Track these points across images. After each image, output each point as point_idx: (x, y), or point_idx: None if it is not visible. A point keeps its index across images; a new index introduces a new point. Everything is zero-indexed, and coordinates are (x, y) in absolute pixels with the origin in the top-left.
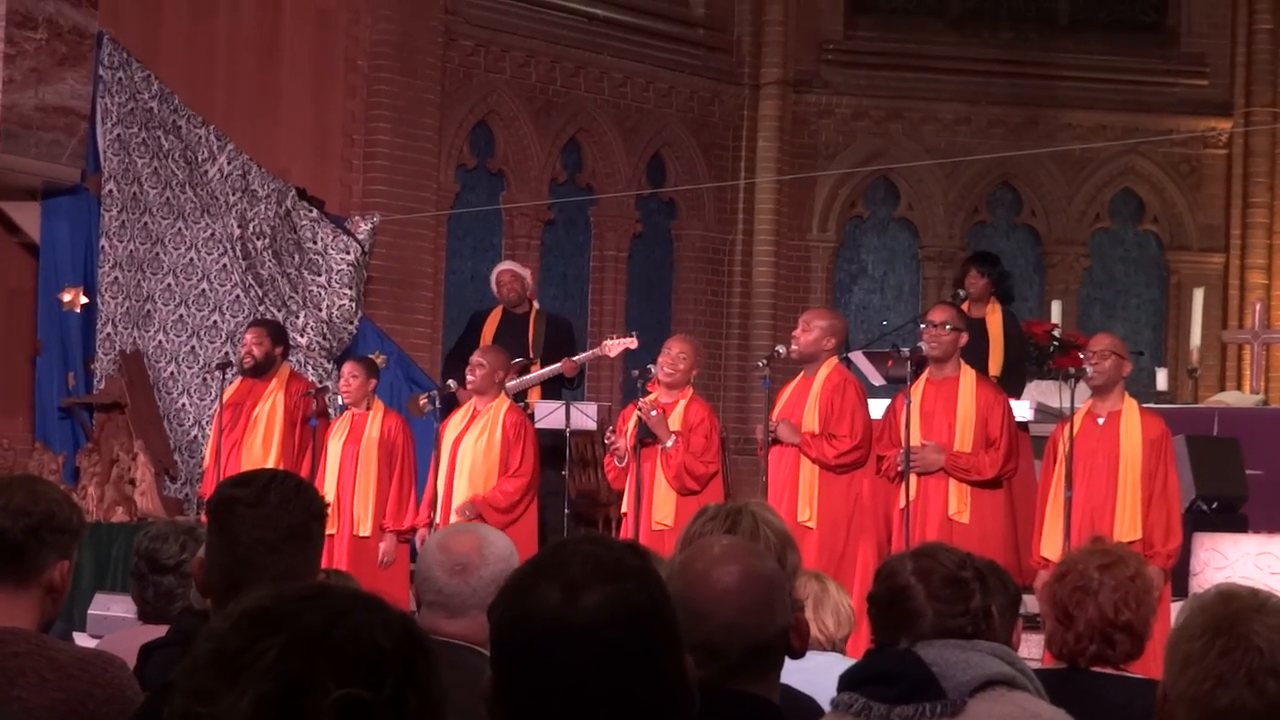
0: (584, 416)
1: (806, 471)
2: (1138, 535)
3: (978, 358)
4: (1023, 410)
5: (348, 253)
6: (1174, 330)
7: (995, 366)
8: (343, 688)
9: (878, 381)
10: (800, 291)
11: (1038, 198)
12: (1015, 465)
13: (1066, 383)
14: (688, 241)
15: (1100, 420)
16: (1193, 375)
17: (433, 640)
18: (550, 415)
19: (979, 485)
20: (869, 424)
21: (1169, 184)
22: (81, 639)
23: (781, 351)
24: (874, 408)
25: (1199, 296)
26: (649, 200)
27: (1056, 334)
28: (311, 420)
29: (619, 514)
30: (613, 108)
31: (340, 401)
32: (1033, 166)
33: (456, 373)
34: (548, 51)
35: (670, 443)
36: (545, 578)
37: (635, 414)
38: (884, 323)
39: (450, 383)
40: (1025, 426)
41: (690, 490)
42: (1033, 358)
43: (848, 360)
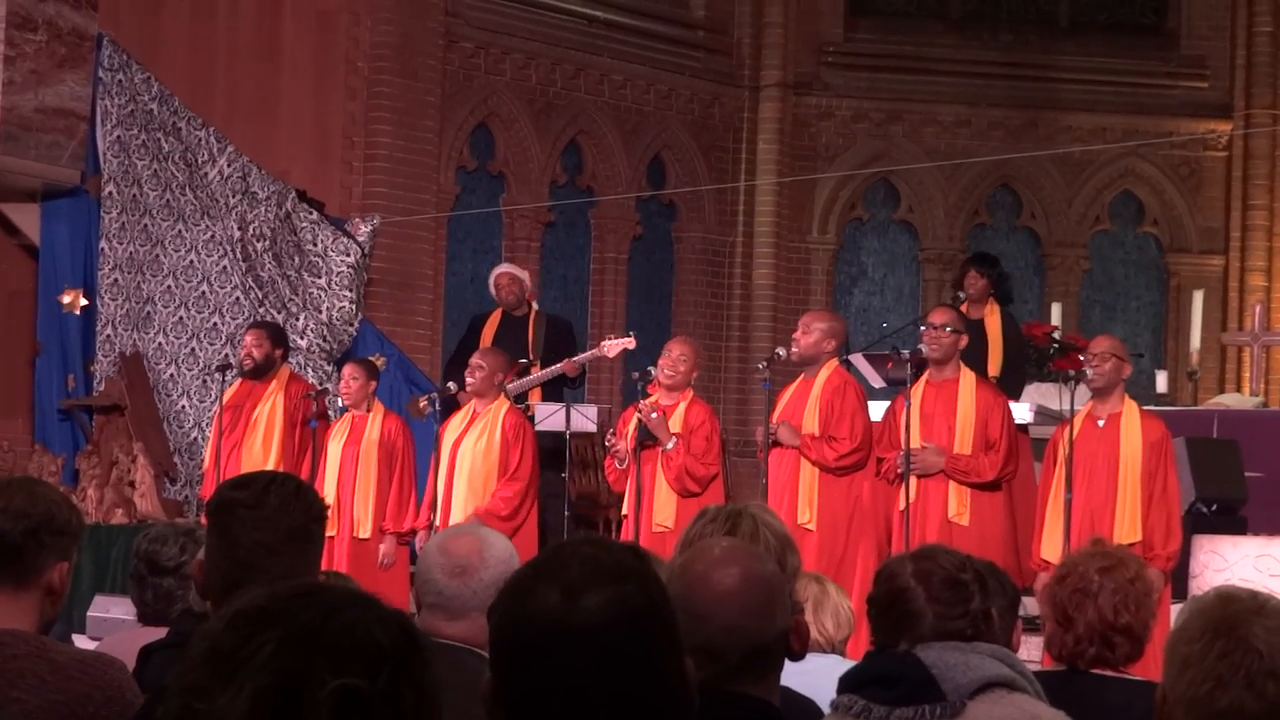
0: (584, 418)
1: (806, 474)
2: (1138, 537)
3: (976, 359)
4: (1022, 412)
5: (348, 255)
6: (1174, 332)
7: (994, 367)
8: (339, 679)
9: (878, 384)
10: (800, 294)
11: (1038, 200)
12: (1015, 467)
13: (1066, 385)
14: (688, 244)
15: (1100, 422)
16: (1192, 377)
17: (428, 638)
18: (550, 417)
19: (979, 487)
20: (869, 426)
21: (1169, 186)
22: (81, 641)
23: (781, 354)
24: (874, 410)
25: (1199, 299)
26: (649, 202)
27: (1056, 336)
28: (311, 422)
29: (619, 516)
30: (613, 110)
31: (340, 403)
32: (1033, 169)
33: (458, 377)
34: (548, 54)
35: (671, 445)
36: (545, 580)
37: (636, 416)
38: (884, 325)
39: (450, 385)
40: (1025, 429)
41: (691, 492)
42: (1032, 360)
43: (848, 362)
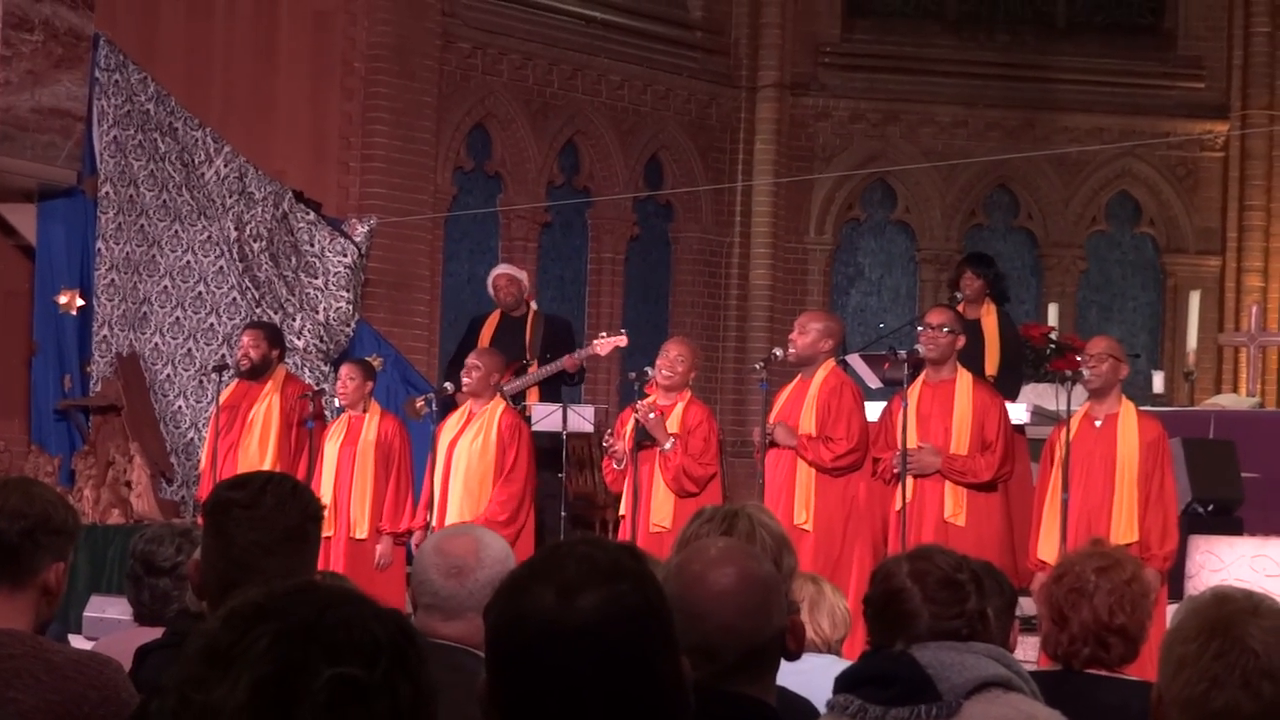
0: (581, 419)
1: (803, 474)
2: (1134, 538)
3: (973, 358)
4: (1019, 413)
5: (345, 255)
6: (1170, 333)
7: (991, 366)
8: (336, 669)
9: (874, 384)
10: (797, 294)
11: (1034, 200)
12: (1011, 468)
13: (1063, 385)
14: (685, 244)
15: (1097, 423)
16: (1189, 378)
17: (423, 636)
18: (547, 418)
19: (975, 488)
20: (865, 427)
21: (1165, 187)
22: (77, 641)
23: (778, 354)
24: (870, 410)
25: (1195, 299)
26: (646, 203)
27: (1053, 337)
28: (308, 422)
29: (616, 516)
30: (610, 110)
31: (337, 404)
32: (1029, 169)
33: (456, 377)
34: (545, 54)
35: (669, 445)
36: (541, 579)
37: (633, 417)
38: (881, 325)
39: (447, 385)
40: (1021, 429)
41: (688, 492)
42: (1029, 360)
43: (844, 363)
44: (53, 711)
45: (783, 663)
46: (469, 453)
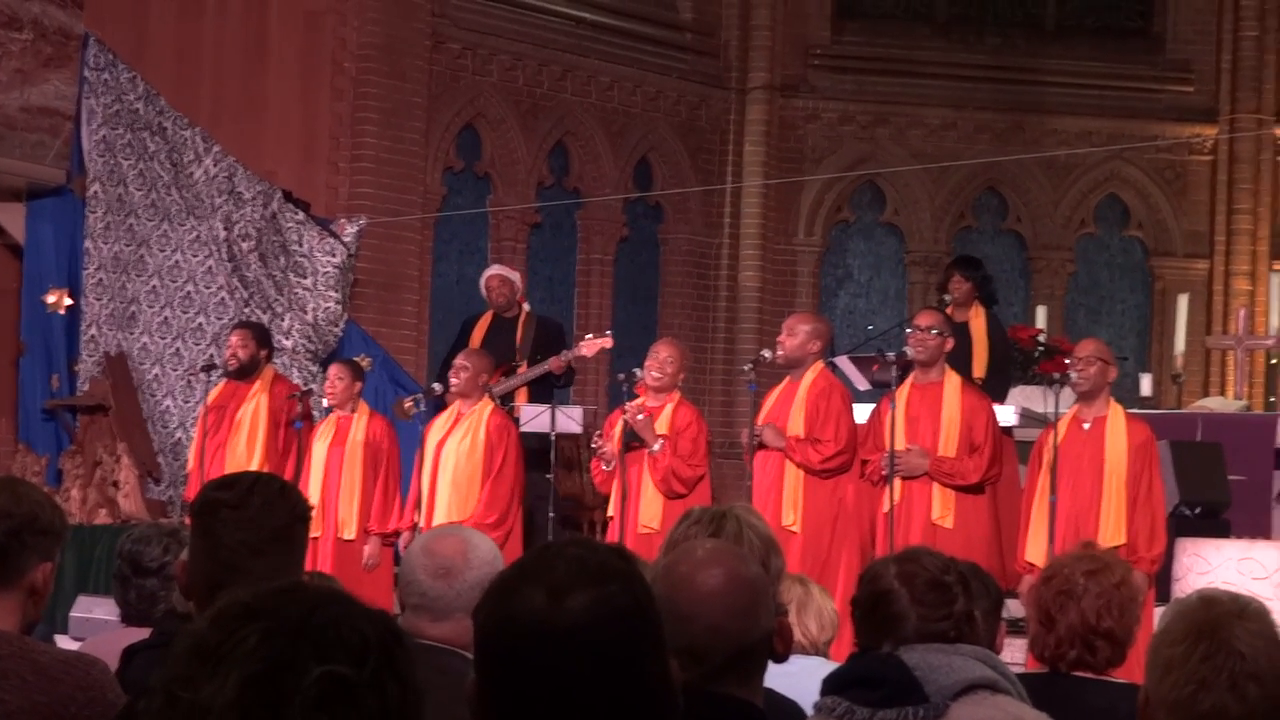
0: (569, 420)
1: (791, 476)
2: (1122, 540)
3: (961, 361)
4: (1007, 415)
5: (333, 255)
6: (1158, 336)
7: (979, 369)
8: (325, 667)
9: (863, 386)
10: (786, 296)
11: (1023, 203)
12: (999, 470)
13: (1051, 388)
14: (674, 245)
15: (1086, 425)
16: (1176, 381)
17: (411, 637)
18: (535, 419)
19: (963, 490)
20: (854, 429)
21: (1154, 190)
22: (64, 641)
23: (767, 356)
24: (859, 412)
25: (1183, 302)
26: (636, 204)
27: (1041, 339)
28: (296, 423)
29: (605, 518)
30: (600, 111)
31: (325, 404)
32: (1018, 172)
33: (447, 378)
34: (535, 55)
35: (657, 447)
36: (530, 580)
37: (622, 418)
38: (869, 327)
39: (435, 386)
40: (1010, 431)
41: (677, 494)
42: (1018, 363)
43: (833, 364)
44: (39, 712)
45: (770, 664)
46: (457, 453)
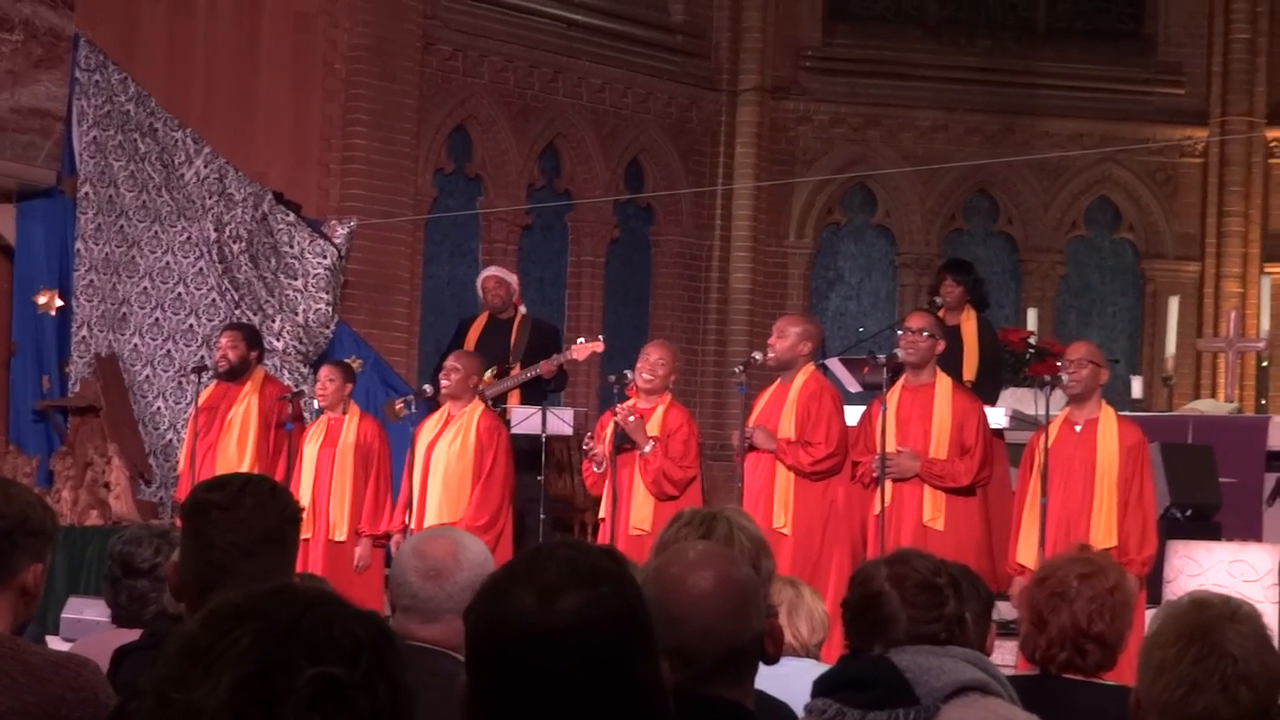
0: (560, 421)
1: (782, 478)
2: (1113, 542)
3: (952, 365)
4: (998, 417)
5: (324, 257)
6: (1149, 338)
7: (969, 372)
8: (317, 668)
9: (854, 388)
10: (777, 298)
11: (1014, 205)
12: (990, 472)
13: (1042, 390)
14: (665, 247)
15: (1077, 428)
16: (1167, 383)
17: (401, 638)
18: (526, 420)
19: (954, 492)
20: (844, 432)
21: (1145, 192)
22: (55, 642)
23: (758, 358)
24: (850, 414)
25: (1174, 305)
26: (627, 206)
27: (1032, 341)
28: (287, 424)
29: (596, 519)
30: (591, 113)
31: (316, 406)
32: (1009, 174)
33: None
34: (526, 56)
35: (648, 448)
36: (521, 582)
37: (613, 420)
38: (860, 329)
39: (426, 388)
40: (1000, 433)
41: (668, 495)
42: (1009, 365)
43: (823, 366)
44: (30, 713)
45: (761, 666)
46: (447, 455)
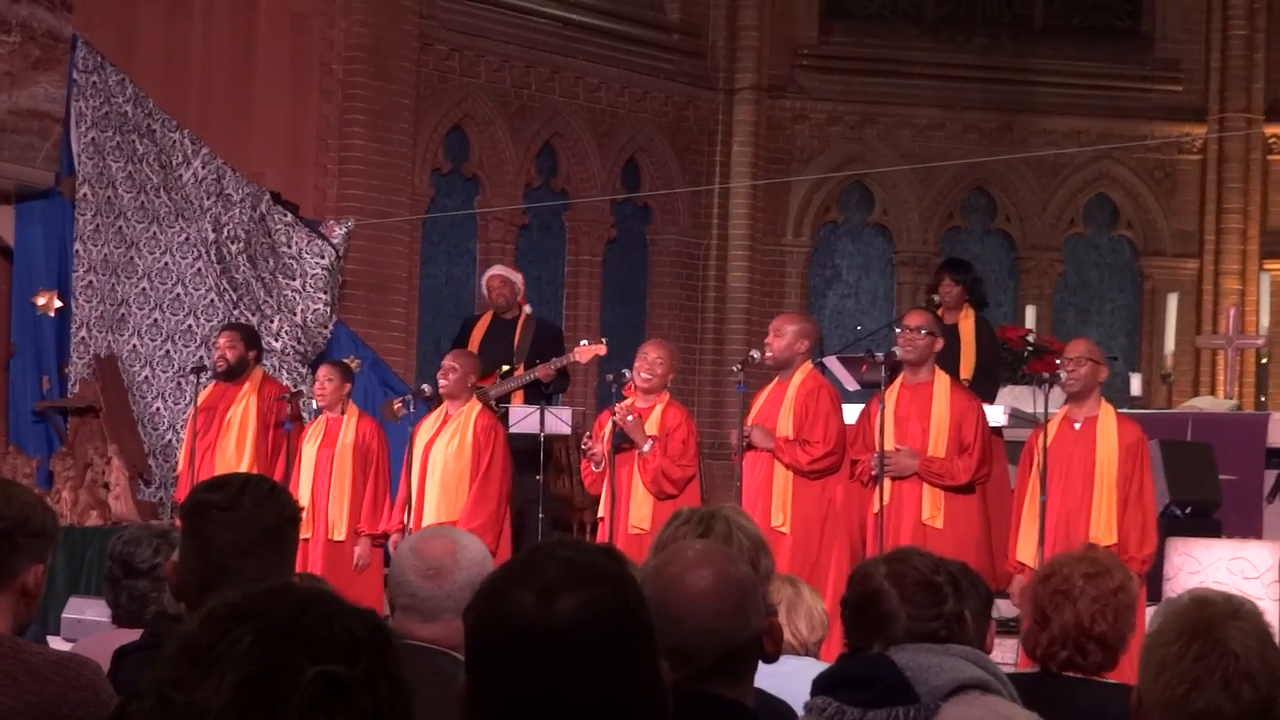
0: (558, 421)
1: (780, 477)
2: (1113, 540)
3: (949, 363)
4: (997, 415)
5: (322, 257)
6: (1148, 335)
7: (966, 370)
8: (319, 667)
9: (852, 386)
10: (775, 296)
11: (1012, 203)
12: (989, 471)
13: (1040, 388)
14: (662, 246)
15: (1077, 425)
16: (1166, 380)
17: (398, 636)
18: (525, 420)
19: (953, 490)
20: (843, 430)
21: (1143, 189)
22: (55, 643)
23: (756, 356)
24: (849, 413)
25: (1173, 302)
26: (624, 205)
27: (1031, 339)
28: (286, 424)
29: (594, 519)
30: (587, 112)
31: (315, 406)
32: (1007, 172)
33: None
34: (523, 56)
35: (647, 448)
36: (520, 582)
37: (611, 419)
38: (858, 328)
39: (425, 387)
40: (999, 431)
41: (667, 494)
42: (1007, 363)
43: (822, 365)
44: (31, 713)
45: (760, 665)
46: (445, 454)
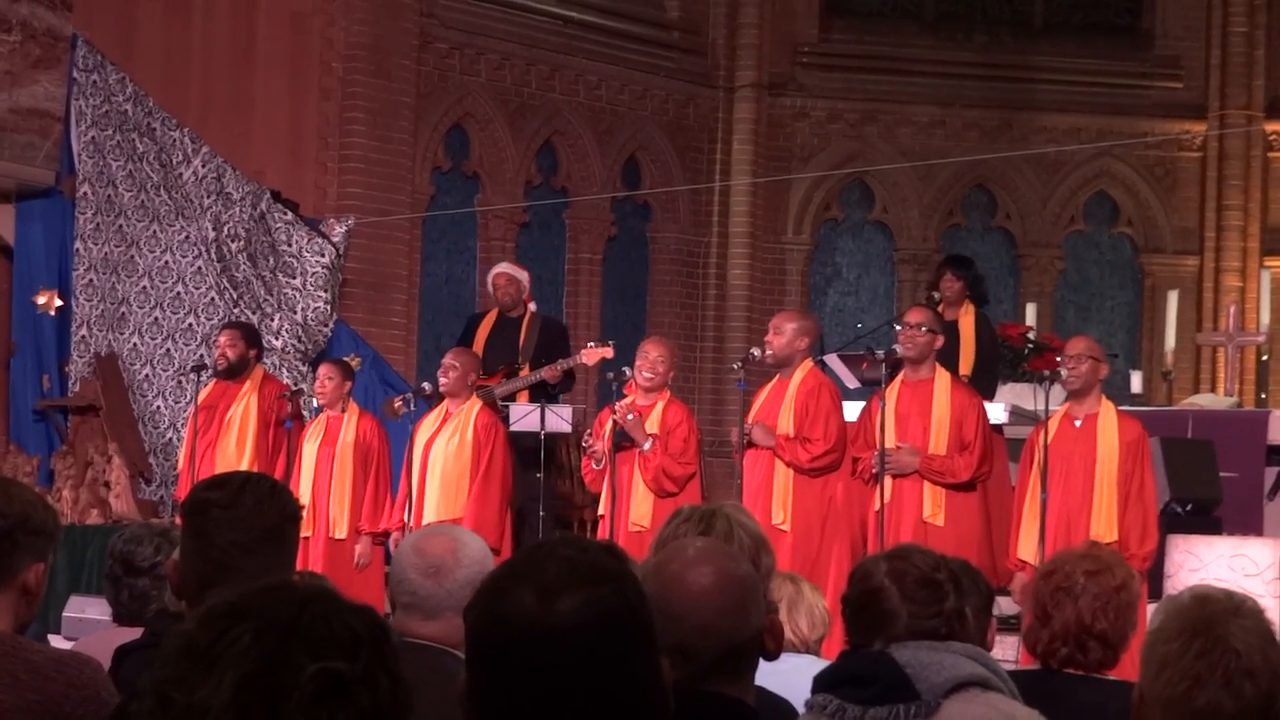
0: (559, 419)
1: (781, 474)
2: (1114, 537)
3: (948, 360)
4: (997, 413)
5: (322, 255)
6: (1148, 333)
7: (965, 367)
8: (319, 664)
9: (852, 384)
10: (775, 294)
11: (1012, 201)
12: (989, 468)
13: (1041, 385)
14: (663, 244)
15: (1077, 423)
16: (1167, 378)
17: (396, 633)
18: (525, 418)
19: (953, 488)
20: (843, 428)
21: (1143, 187)
22: (56, 641)
23: (756, 354)
24: (849, 410)
25: (1173, 299)
26: (624, 203)
27: (1031, 336)
28: (286, 423)
29: (595, 516)
30: (588, 110)
31: (315, 404)
32: (1007, 169)
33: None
34: (523, 54)
35: (648, 445)
36: (521, 581)
37: (612, 417)
38: (859, 325)
39: (425, 385)
40: (1000, 429)
41: (668, 492)
42: (1007, 360)
43: (822, 362)
44: (32, 711)
45: (761, 662)
46: (445, 452)
